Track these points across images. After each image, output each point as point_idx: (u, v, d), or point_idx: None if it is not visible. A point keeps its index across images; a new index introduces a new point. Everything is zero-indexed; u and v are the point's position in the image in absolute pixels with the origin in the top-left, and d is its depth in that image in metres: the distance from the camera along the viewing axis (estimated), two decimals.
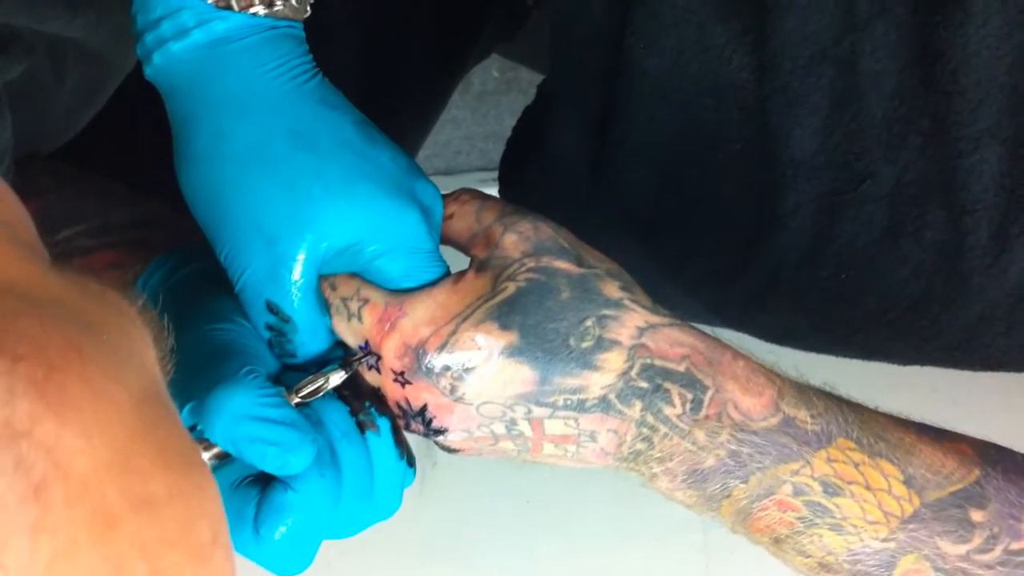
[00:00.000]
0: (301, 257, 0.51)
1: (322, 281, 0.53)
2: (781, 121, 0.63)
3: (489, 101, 1.18)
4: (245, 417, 0.48)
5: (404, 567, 1.11)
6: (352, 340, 0.53)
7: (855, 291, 0.66)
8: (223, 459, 0.49)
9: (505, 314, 0.50)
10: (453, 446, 0.53)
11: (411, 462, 0.54)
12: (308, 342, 0.53)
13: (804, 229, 0.65)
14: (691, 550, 1.06)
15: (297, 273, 0.52)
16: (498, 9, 0.95)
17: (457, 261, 0.55)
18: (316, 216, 0.51)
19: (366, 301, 0.52)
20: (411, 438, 0.52)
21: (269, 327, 0.53)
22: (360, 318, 0.52)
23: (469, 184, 1.35)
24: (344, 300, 0.52)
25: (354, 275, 0.53)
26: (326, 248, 0.52)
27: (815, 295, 0.68)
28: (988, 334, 0.64)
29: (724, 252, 0.70)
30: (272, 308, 0.52)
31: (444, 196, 0.56)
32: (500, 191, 0.84)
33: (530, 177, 0.79)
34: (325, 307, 0.53)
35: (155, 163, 0.56)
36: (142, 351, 0.33)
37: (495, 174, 1.26)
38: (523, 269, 0.51)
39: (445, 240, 0.56)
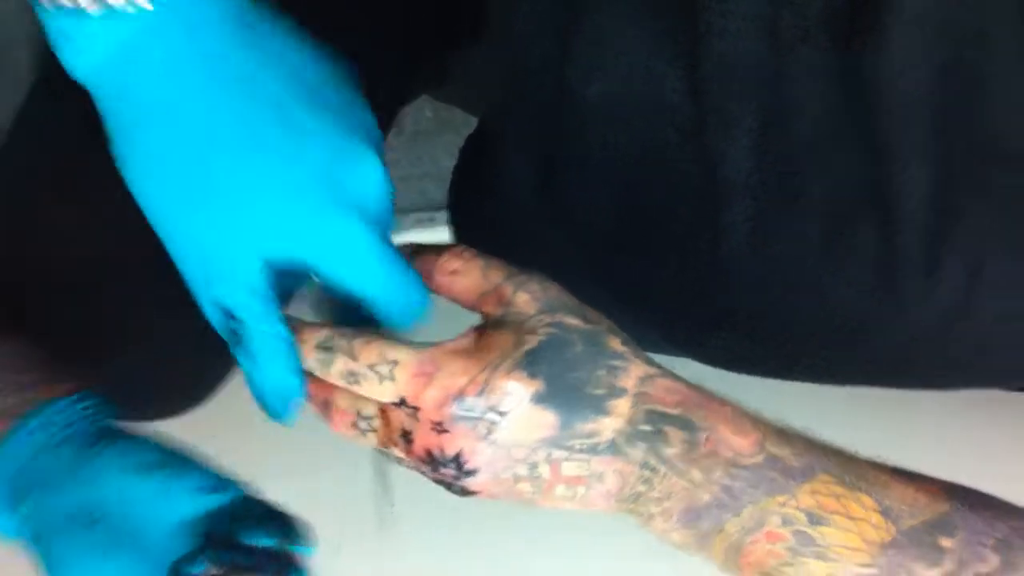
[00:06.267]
0: (243, 259, 0.54)
1: (338, 353, 0.55)
2: (716, 142, 0.65)
3: (423, 141, 1.18)
4: None
5: None
6: (388, 398, 0.55)
7: (794, 310, 0.69)
8: None
9: (532, 363, 0.54)
10: (474, 487, 0.55)
11: None
12: (263, 338, 0.55)
13: (742, 249, 0.67)
14: None
15: (242, 274, 0.54)
16: (428, 57, 0.94)
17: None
18: (251, 225, 0.54)
19: (395, 363, 0.54)
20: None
21: (227, 328, 0.56)
22: (393, 378, 0.54)
23: (409, 223, 1.34)
24: (371, 367, 0.55)
25: (371, 339, 0.55)
26: (269, 251, 0.54)
27: (757, 316, 0.71)
28: (925, 353, 0.68)
29: (671, 274, 0.72)
30: (223, 309, 0.55)
31: (442, 249, 0.59)
32: (451, 219, 0.85)
33: (483, 204, 0.80)
34: (277, 302, 0.56)
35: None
36: None
37: (433, 214, 1.26)
38: (541, 324, 0.55)
39: (448, 294, 0.59)
